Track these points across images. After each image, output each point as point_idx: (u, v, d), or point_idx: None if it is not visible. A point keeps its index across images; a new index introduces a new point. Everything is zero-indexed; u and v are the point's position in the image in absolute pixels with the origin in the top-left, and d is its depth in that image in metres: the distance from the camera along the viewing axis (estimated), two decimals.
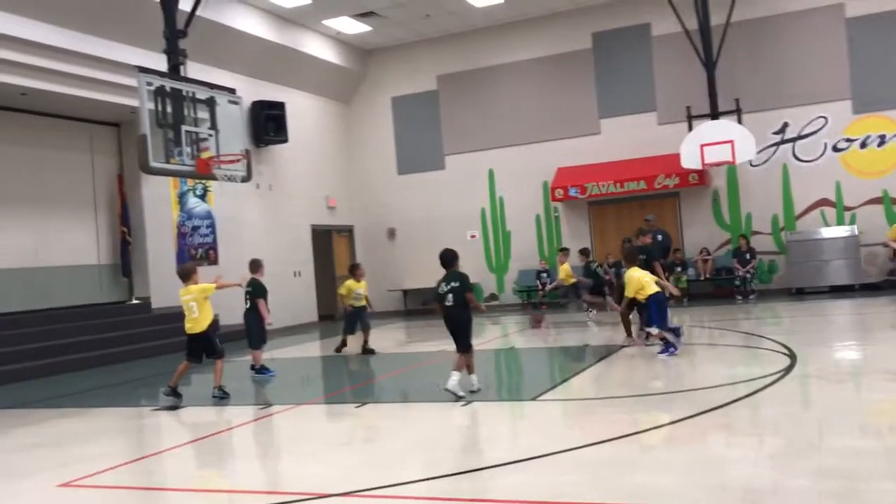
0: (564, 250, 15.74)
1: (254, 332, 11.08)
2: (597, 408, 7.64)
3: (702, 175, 18.09)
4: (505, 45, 20.77)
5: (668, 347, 9.97)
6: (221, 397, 9.19)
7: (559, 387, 8.92)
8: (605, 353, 10.85)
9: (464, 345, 8.18)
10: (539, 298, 19.51)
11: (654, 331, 10.22)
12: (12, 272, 14.75)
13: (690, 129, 17.37)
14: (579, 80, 20.04)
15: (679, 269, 17.98)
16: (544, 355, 11.90)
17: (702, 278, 18.51)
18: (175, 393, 9.15)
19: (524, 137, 20.56)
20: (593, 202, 19.85)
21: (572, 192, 19.31)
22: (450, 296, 8.17)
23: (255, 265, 11.25)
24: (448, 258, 8.42)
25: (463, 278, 8.25)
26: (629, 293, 10.45)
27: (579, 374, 9.50)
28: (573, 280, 15.13)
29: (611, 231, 19.52)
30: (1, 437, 8.33)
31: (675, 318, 11.68)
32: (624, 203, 19.39)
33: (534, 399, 8.02)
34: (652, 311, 10.21)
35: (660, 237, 17.63)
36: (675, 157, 17.36)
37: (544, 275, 19.37)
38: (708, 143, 16.66)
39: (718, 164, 17.04)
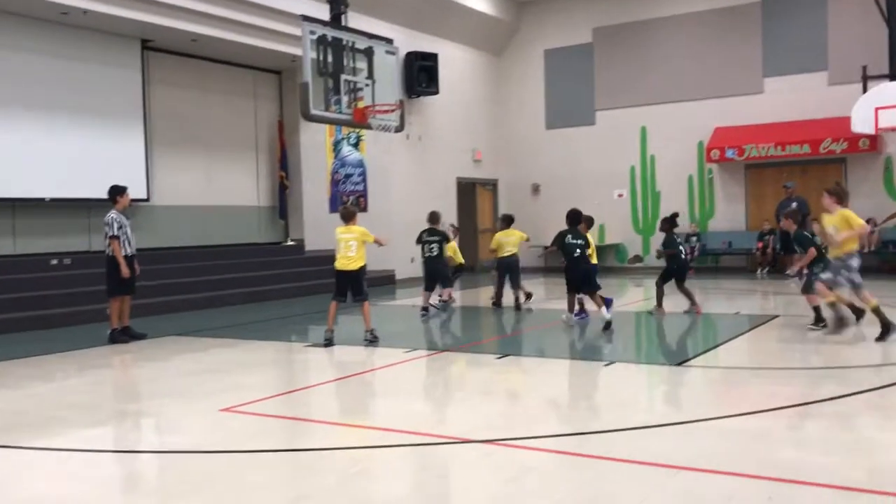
0: (454, 227, 15.01)
1: (446, 275, 12.57)
2: (744, 378, 7.39)
3: (874, 141, 16.88)
4: None
5: (581, 313, 10.98)
6: (372, 340, 9.41)
7: (705, 354, 8.68)
8: (756, 322, 10.45)
9: (596, 286, 10.12)
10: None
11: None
12: (182, 209, 15.79)
13: (865, 90, 16.16)
14: (744, 35, 19.00)
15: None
16: (690, 321, 11.58)
17: (865, 251, 17.35)
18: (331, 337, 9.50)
19: (681, 94, 19.79)
20: (751, 165, 18.95)
21: (729, 154, 18.48)
22: (578, 250, 9.95)
23: (436, 217, 12.54)
24: (579, 217, 10.26)
25: (586, 237, 10.10)
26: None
27: (728, 343, 9.20)
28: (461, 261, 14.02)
29: (768, 196, 18.60)
30: (170, 361, 9.03)
31: None
32: (784, 167, 18.38)
33: (679, 364, 7.85)
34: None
35: (794, 205, 16.66)
36: (845, 121, 16.23)
37: (694, 238, 18.76)
38: (884, 107, 15.44)
39: (894, 130, 15.83)
